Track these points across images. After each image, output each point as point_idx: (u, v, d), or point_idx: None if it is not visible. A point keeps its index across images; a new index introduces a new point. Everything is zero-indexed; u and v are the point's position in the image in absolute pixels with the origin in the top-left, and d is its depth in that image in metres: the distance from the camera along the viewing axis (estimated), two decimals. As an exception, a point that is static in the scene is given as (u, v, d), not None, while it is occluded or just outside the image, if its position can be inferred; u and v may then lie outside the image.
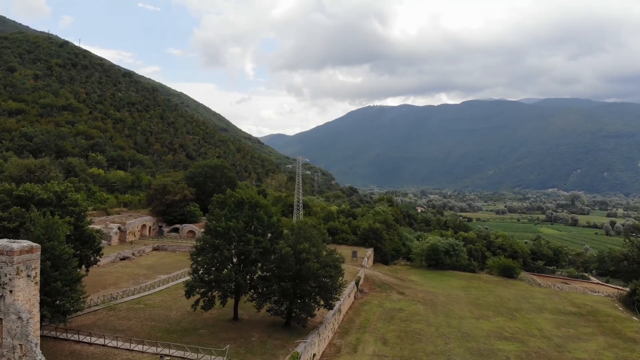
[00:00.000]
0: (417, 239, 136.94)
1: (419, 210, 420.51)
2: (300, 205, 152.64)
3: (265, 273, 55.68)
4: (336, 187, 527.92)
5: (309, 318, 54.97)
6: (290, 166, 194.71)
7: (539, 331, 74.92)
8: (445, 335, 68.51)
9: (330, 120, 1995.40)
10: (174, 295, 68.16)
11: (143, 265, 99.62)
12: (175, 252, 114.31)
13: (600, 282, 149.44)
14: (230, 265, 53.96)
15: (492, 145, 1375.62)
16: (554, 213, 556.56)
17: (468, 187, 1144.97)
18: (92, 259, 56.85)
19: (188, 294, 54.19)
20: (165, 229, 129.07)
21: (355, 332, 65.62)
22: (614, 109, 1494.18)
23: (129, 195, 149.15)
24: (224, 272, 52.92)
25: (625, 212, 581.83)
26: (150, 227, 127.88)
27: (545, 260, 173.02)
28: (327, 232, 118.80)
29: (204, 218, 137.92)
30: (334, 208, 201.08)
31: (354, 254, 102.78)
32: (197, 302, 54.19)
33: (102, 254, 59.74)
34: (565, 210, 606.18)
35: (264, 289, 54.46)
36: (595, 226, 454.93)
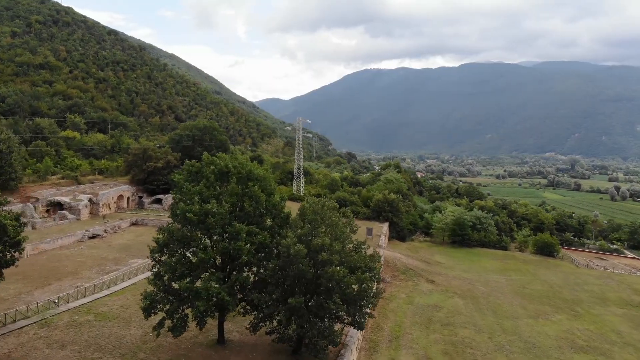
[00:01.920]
0: (435, 211, 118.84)
1: (419, 176, 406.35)
2: (301, 172, 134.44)
3: (265, 276, 37.11)
4: (334, 152, 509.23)
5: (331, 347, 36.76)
6: (289, 128, 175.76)
7: (617, 335, 57.82)
8: (503, 346, 51.19)
9: (327, 84, 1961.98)
10: (139, 297, 50.11)
11: (116, 245, 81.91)
12: (156, 228, 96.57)
13: (637, 257, 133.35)
14: (211, 271, 35.81)
15: (491, 109, 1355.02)
16: (556, 178, 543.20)
17: (465, 151, 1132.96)
18: (7, 256, 38.51)
19: (147, 312, 35.90)
20: (146, 200, 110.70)
21: (386, 346, 48.08)
22: (614, 73, 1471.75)
23: (105, 160, 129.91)
24: (200, 279, 34.69)
25: (626, 177, 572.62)
26: (128, 197, 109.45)
27: (571, 232, 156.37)
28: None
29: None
30: (336, 175, 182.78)
31: (369, 231, 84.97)
32: (161, 322, 35.90)
33: (24, 248, 41.13)
34: (566, 175, 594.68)
35: (262, 306, 35.76)
36: (599, 191, 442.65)
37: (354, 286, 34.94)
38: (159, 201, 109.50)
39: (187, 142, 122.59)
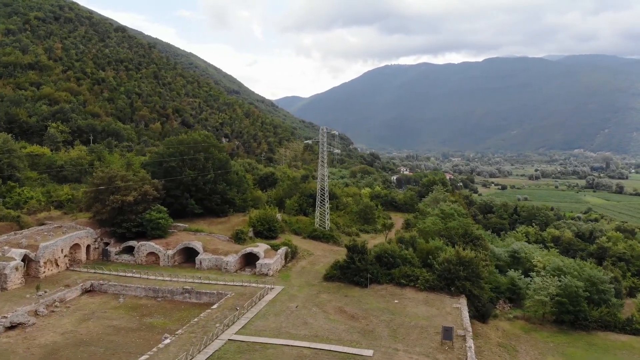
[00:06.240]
0: (514, 259, 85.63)
1: (448, 177, 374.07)
2: (326, 197, 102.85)
3: None
4: (355, 152, 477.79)
5: None
6: (310, 141, 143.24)
7: None
8: None
9: (347, 81, 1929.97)
10: None
11: (38, 348, 50.22)
12: (119, 298, 65.81)
13: None
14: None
15: (515, 104, 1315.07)
16: (595, 179, 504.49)
17: (490, 148, 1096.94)
18: None
19: None
20: (113, 249, 79.91)
21: None
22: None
23: (67, 187, 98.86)
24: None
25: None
26: (88, 246, 78.81)
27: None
28: (376, 260, 68.61)
29: (179, 225, 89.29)
30: (365, 192, 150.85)
31: (447, 333, 47.61)
32: None
33: None
34: (602, 174, 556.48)
35: None
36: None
37: None
38: (129, 250, 78.83)
39: (170, 164, 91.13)
